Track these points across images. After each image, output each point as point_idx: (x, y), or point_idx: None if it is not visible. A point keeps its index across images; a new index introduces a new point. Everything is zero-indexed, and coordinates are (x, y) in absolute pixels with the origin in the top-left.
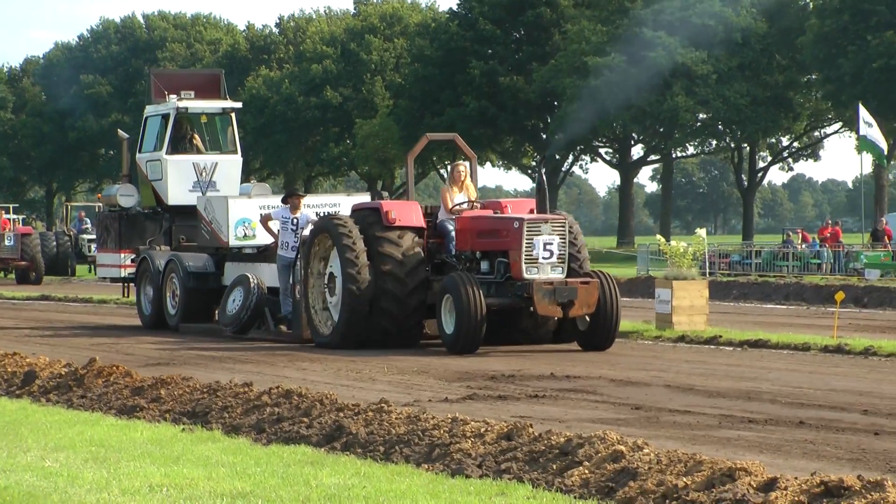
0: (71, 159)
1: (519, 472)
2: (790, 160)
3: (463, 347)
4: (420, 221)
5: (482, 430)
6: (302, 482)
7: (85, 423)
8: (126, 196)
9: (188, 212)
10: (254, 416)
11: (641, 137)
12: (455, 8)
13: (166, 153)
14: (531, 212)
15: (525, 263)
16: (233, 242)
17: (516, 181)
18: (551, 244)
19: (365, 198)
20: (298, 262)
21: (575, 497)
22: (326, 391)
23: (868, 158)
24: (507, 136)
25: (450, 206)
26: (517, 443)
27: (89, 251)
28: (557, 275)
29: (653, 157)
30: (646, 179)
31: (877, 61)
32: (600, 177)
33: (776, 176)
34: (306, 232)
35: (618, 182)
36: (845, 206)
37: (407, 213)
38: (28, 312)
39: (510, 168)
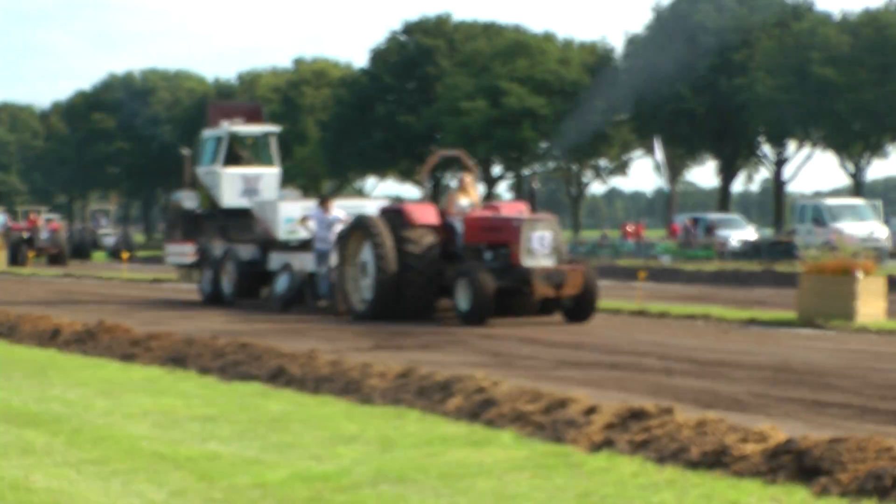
0: (86, 175)
1: (411, 402)
2: (606, 176)
3: (476, 320)
4: (435, 220)
5: (385, 371)
6: (254, 408)
7: (96, 367)
8: (189, 200)
9: (238, 213)
10: (219, 360)
11: (500, 161)
12: (366, 66)
13: (221, 167)
14: (521, 212)
15: (523, 254)
16: (281, 237)
17: (410, 191)
18: (544, 238)
19: (378, 203)
20: (334, 253)
21: (452, 419)
22: (272, 343)
23: (662, 174)
24: (402, 159)
25: (453, 210)
26: (410, 380)
27: (102, 241)
28: (549, 262)
29: (509, 174)
30: (503, 191)
31: (669, 106)
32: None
33: (596, 188)
34: (337, 228)
35: (482, 192)
36: (647, 209)
37: (424, 213)
38: (55, 286)
39: (405, 182)
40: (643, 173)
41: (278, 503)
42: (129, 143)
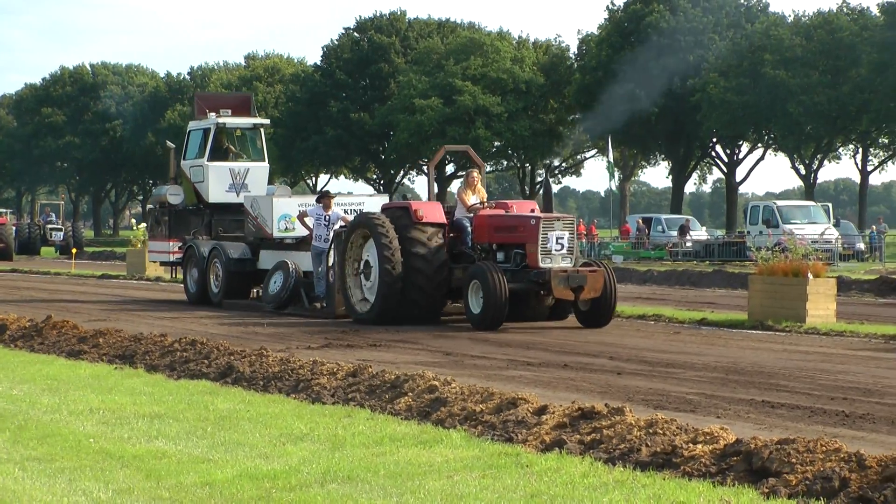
0: (35, 169)
1: (361, 401)
2: (559, 175)
3: (489, 325)
4: (442, 218)
5: (335, 369)
6: (202, 406)
7: (42, 363)
8: (174, 195)
9: (225, 208)
10: (168, 358)
11: (452, 159)
12: (318, 63)
13: (207, 160)
14: (532, 211)
15: (541, 254)
16: (276, 234)
17: (363, 188)
18: (562, 238)
19: (381, 199)
20: (333, 251)
21: (402, 419)
22: (222, 340)
23: (616, 175)
24: (355, 157)
25: (468, 205)
26: (360, 379)
27: (51, 237)
28: (567, 264)
29: (461, 173)
30: (456, 188)
31: (621, 106)
32: (423, 187)
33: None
34: (337, 226)
35: (436, 190)
36: (599, 210)
37: (432, 211)
38: (1, 281)
39: (357, 179)
40: (596, 173)
41: (226, 502)
42: (79, 137)
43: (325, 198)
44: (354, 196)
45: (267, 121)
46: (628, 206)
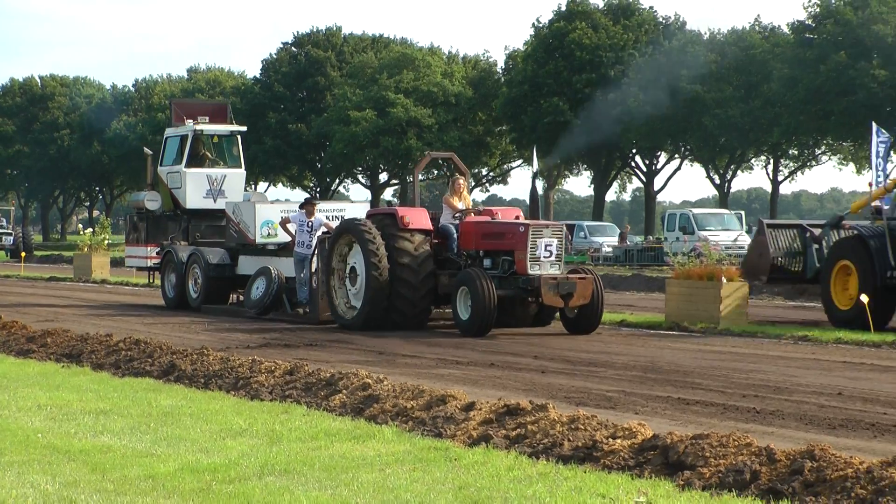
0: None
1: (298, 397)
2: (488, 184)
3: (477, 331)
4: (428, 224)
5: (272, 368)
6: (146, 403)
7: None
8: (152, 201)
9: (203, 214)
10: (113, 357)
11: (386, 168)
12: (258, 76)
13: (184, 166)
14: (517, 218)
15: (529, 261)
16: (258, 240)
17: (299, 195)
18: (551, 245)
19: (362, 206)
20: (316, 258)
21: (336, 415)
22: (165, 340)
23: (539, 183)
24: (293, 165)
25: (456, 209)
26: (297, 377)
27: (1, 241)
28: (556, 271)
29: (394, 181)
30: (388, 196)
31: (546, 118)
32: (359, 194)
33: (477, 195)
34: (319, 233)
35: (369, 197)
36: (525, 217)
37: (417, 217)
38: None
39: (295, 187)
40: (522, 182)
41: (168, 494)
42: (29, 146)
43: (308, 204)
44: (336, 203)
45: (244, 128)
46: (552, 214)
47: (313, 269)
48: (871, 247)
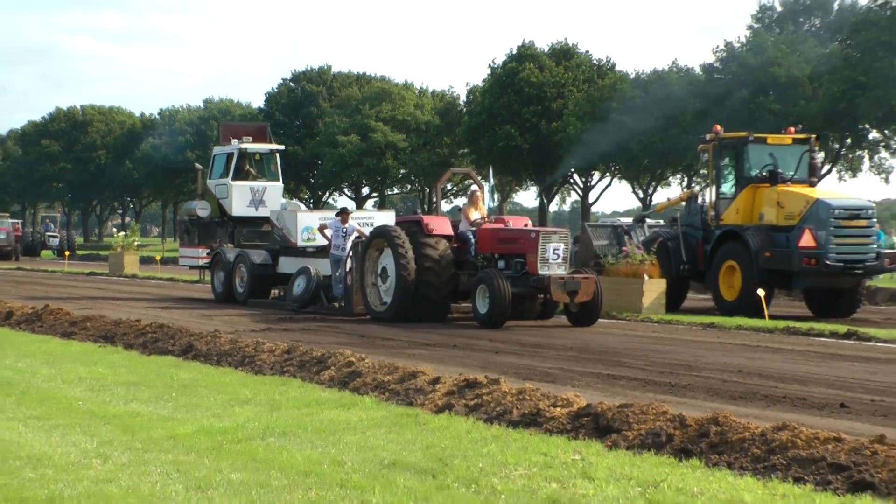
0: (35, 189)
1: (294, 373)
2: (452, 197)
3: (494, 323)
4: (450, 231)
5: (273, 348)
6: (168, 376)
7: (41, 342)
8: (202, 209)
9: (246, 221)
10: (141, 338)
11: (367, 183)
12: (262, 106)
13: (231, 180)
14: (526, 225)
15: (540, 263)
16: (300, 243)
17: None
18: (559, 249)
19: (387, 215)
20: (351, 259)
21: (326, 387)
22: (184, 325)
23: (496, 196)
24: (290, 181)
25: (470, 220)
26: (293, 355)
27: (49, 242)
28: (562, 271)
29: (374, 194)
30: (370, 208)
31: (500, 143)
32: (345, 203)
33: (444, 207)
34: (352, 238)
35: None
36: None
37: (441, 225)
38: (9, 277)
39: (292, 198)
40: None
41: (187, 452)
42: (71, 164)
43: (343, 213)
44: (366, 212)
45: (282, 147)
46: None
47: (347, 269)
48: (669, 247)
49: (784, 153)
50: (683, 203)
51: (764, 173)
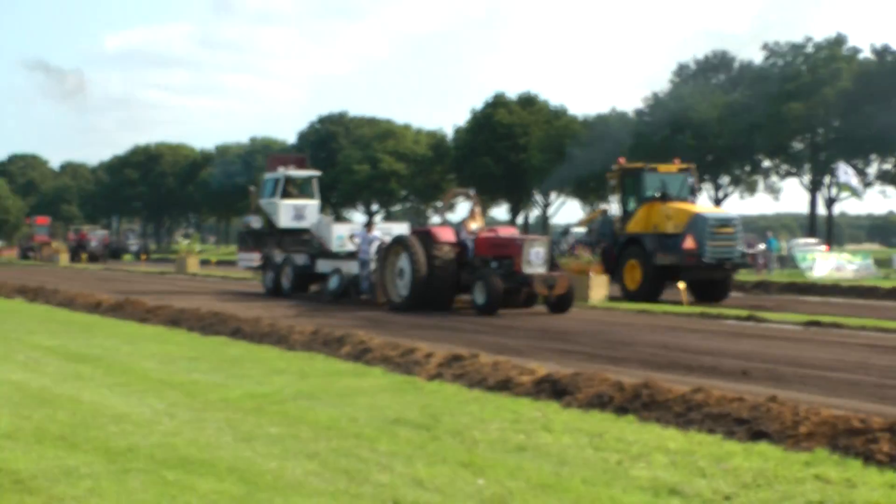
0: (119, 207)
1: (319, 349)
2: (441, 213)
3: (490, 311)
4: (453, 239)
5: (302, 329)
6: (221, 352)
7: (123, 325)
8: (256, 222)
9: (291, 232)
10: (200, 323)
11: (377, 202)
12: (295, 142)
13: (278, 199)
14: (514, 233)
15: (524, 264)
16: (334, 249)
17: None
18: (540, 253)
19: (402, 226)
20: (375, 261)
21: (344, 360)
22: (233, 312)
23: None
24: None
25: (469, 230)
26: (318, 335)
27: (129, 248)
28: (543, 270)
29: (382, 210)
30: (382, 222)
31: (479, 171)
32: (358, 218)
33: (435, 220)
34: (376, 244)
35: (365, 220)
36: None
37: (446, 234)
38: (98, 275)
39: (325, 213)
40: (464, 211)
41: (235, 411)
42: (147, 188)
43: (369, 225)
44: (387, 224)
45: (319, 172)
46: None
47: (372, 269)
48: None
49: (671, 179)
50: (598, 217)
51: (657, 194)
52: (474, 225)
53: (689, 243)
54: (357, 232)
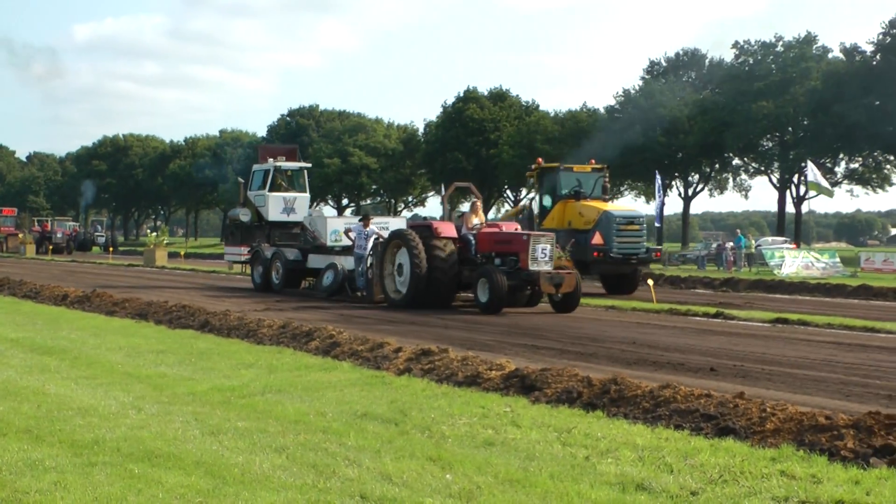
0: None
1: (287, 343)
2: (412, 206)
3: (493, 310)
4: (454, 234)
5: (271, 323)
6: (189, 346)
7: (89, 318)
8: (244, 215)
9: (280, 225)
10: (168, 315)
11: (346, 196)
12: (265, 136)
13: (267, 191)
14: (517, 229)
15: (530, 260)
16: (329, 243)
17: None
18: (546, 249)
19: (400, 220)
20: (371, 256)
21: (312, 354)
22: (202, 305)
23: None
24: None
25: (471, 225)
26: (287, 329)
27: (97, 240)
28: (549, 267)
29: (352, 204)
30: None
31: (450, 165)
32: (327, 212)
33: (406, 213)
34: (372, 239)
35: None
36: None
37: (447, 229)
38: (64, 267)
39: (316, 206)
40: (434, 206)
41: (202, 405)
42: (115, 179)
43: (365, 218)
44: (383, 217)
45: (309, 164)
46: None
47: (368, 265)
48: None
49: (586, 178)
50: (519, 212)
51: (571, 192)
52: (476, 220)
53: (596, 239)
54: (353, 226)
